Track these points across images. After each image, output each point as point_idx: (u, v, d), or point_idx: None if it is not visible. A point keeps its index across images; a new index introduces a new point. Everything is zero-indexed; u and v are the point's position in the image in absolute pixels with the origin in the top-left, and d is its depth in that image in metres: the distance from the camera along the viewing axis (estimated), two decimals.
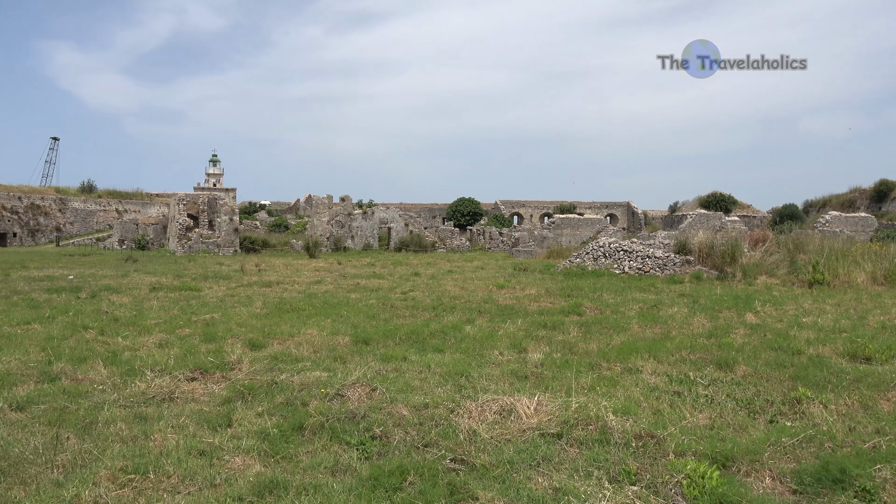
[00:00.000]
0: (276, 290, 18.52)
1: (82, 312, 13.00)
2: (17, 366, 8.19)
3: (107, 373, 7.95)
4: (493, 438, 5.56)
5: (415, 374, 8.02)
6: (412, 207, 71.30)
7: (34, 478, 4.70)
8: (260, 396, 6.94)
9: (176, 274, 23.79)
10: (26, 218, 59.04)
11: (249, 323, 11.95)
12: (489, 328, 11.53)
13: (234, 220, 44.37)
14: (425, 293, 17.60)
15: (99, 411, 6.36)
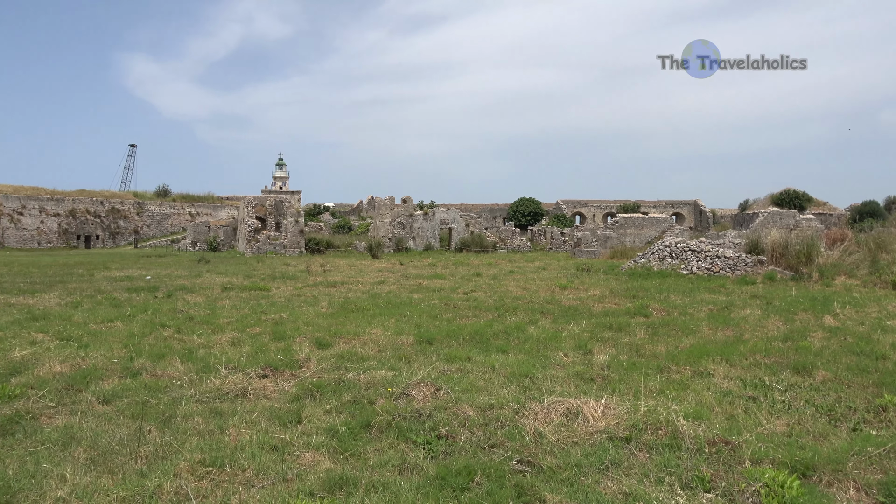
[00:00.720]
0: (340, 290, 18.89)
1: (160, 311, 13.61)
2: (103, 361, 8.65)
3: (184, 369, 8.29)
4: (560, 441, 5.50)
5: (479, 374, 8.02)
6: (473, 208, 71.35)
7: (120, 467, 4.96)
8: (328, 394, 7.09)
9: (246, 274, 24.60)
10: (108, 221, 62.35)
11: (316, 322, 12.23)
12: (553, 329, 11.42)
13: (299, 221, 45.50)
14: (487, 293, 17.59)
15: (177, 406, 6.63)
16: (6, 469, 4.90)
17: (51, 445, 5.45)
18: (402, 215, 49.74)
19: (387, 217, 49.29)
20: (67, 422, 6.08)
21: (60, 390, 7.14)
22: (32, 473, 4.81)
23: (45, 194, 60.44)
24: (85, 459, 5.15)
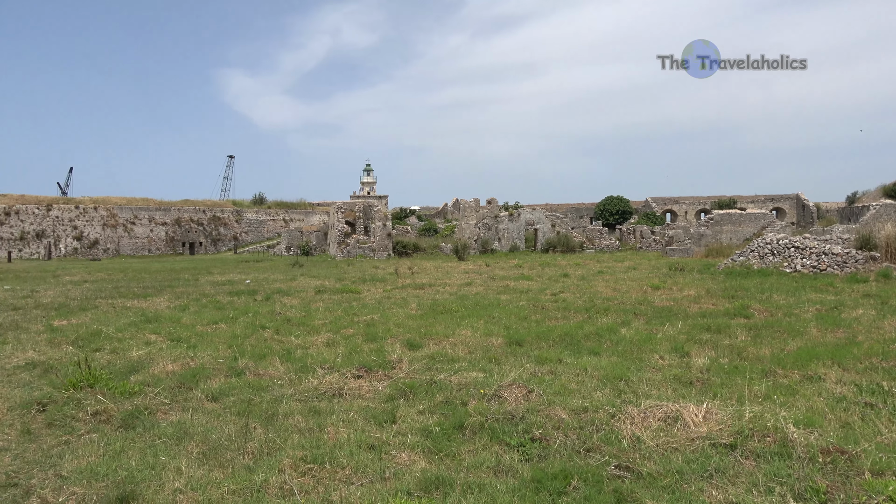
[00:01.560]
0: (428, 292, 19.12)
1: (259, 313, 14.26)
2: (210, 361, 9.16)
3: (283, 369, 8.65)
4: (659, 446, 5.32)
5: (571, 376, 7.90)
6: (558, 208, 70.42)
7: (230, 462, 5.23)
8: (421, 395, 7.19)
9: (337, 277, 25.37)
10: (209, 229, 66.04)
11: (406, 324, 12.43)
12: (646, 331, 11.07)
13: (387, 225, 46.44)
14: (576, 294, 17.29)
15: (279, 404, 6.92)
16: (129, 460, 5.28)
17: (167, 440, 5.82)
18: (487, 217, 49.77)
19: (472, 219, 49.46)
20: (181, 418, 6.48)
21: (173, 388, 7.61)
22: (152, 465, 5.15)
23: (154, 205, 64.77)
24: (197, 453, 5.46)
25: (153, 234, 62.87)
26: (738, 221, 50.56)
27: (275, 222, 70.75)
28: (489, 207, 51.09)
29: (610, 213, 67.40)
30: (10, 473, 5.22)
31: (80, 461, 5.36)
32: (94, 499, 4.57)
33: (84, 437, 6.05)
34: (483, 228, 48.98)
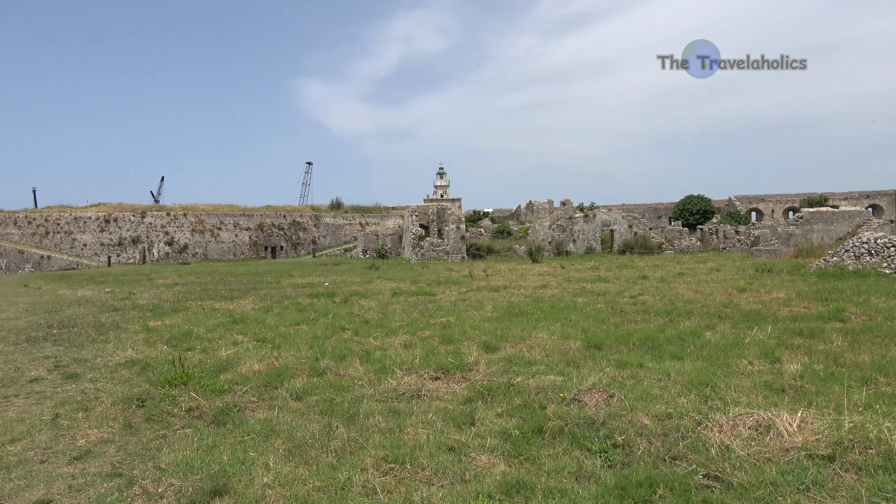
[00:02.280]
0: (503, 294, 19.05)
1: (339, 315, 14.62)
2: (293, 361, 9.46)
3: (363, 370, 8.83)
4: (751, 456, 5.09)
5: (653, 381, 7.67)
6: (635, 208, 68.68)
7: (314, 459, 5.39)
8: (498, 398, 7.17)
9: (412, 280, 25.68)
10: (290, 233, 68.34)
11: (482, 326, 12.43)
12: (733, 335, 10.62)
13: (460, 228, 46.63)
14: (656, 297, 16.81)
15: (359, 404, 7.07)
16: (221, 455, 5.52)
17: (255, 436, 6.06)
18: (561, 218, 49.13)
19: (546, 220, 48.95)
20: (267, 415, 6.73)
21: (260, 387, 7.91)
22: (242, 460, 5.37)
23: (238, 211, 67.62)
24: (284, 450, 5.65)
25: (238, 238, 65.65)
26: (831, 220, 47.74)
27: (351, 226, 72.39)
28: (563, 209, 50.43)
29: (690, 213, 65.12)
30: (115, 464, 5.57)
31: (177, 454, 5.65)
32: (191, 491, 4.81)
33: (179, 431, 6.38)
34: (557, 230, 48.39)
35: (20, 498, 4.91)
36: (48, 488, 5.09)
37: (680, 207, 66.88)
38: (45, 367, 9.92)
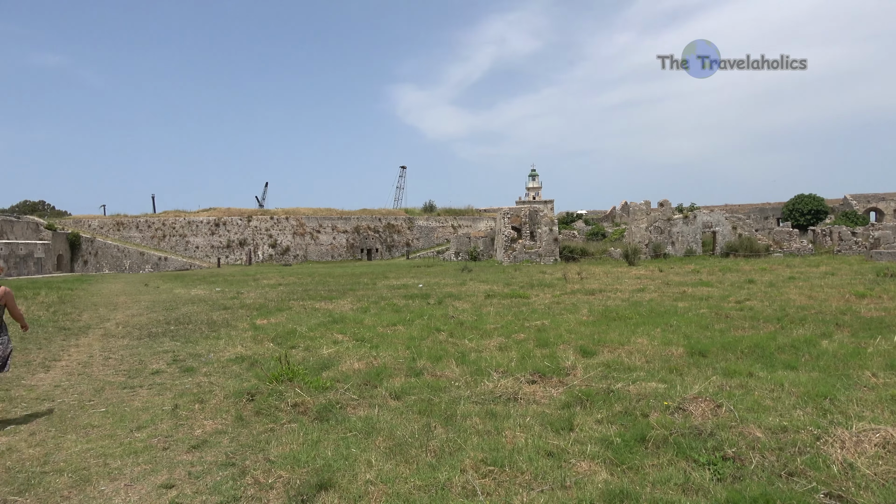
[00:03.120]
0: (599, 297, 18.63)
1: (433, 316, 14.80)
2: (391, 361, 9.67)
3: (459, 371, 8.88)
4: (878, 476, 4.70)
5: (765, 392, 7.25)
6: (739, 209, 65.33)
7: (414, 458, 5.47)
8: (598, 403, 7.01)
9: (505, 282, 25.61)
10: (384, 236, 70.02)
11: (578, 330, 12.21)
12: (853, 344, 9.86)
13: (553, 230, 46.05)
14: (764, 302, 15.89)
15: (456, 405, 7.12)
16: (325, 450, 5.72)
17: (356, 433, 6.23)
18: (659, 220, 47.46)
19: (642, 222, 47.45)
20: (368, 413, 6.90)
21: (360, 385, 8.14)
22: (345, 456, 5.54)
23: (336, 214, 70.02)
24: (384, 448, 5.78)
25: (335, 241, 67.97)
26: None
27: (444, 229, 73.19)
28: (661, 210, 48.70)
29: (800, 214, 61.19)
30: (229, 454, 5.89)
31: (284, 448, 5.90)
32: (298, 483, 5.01)
33: (286, 425, 6.66)
34: (655, 232, 46.78)
35: (147, 481, 5.29)
36: (170, 474, 5.45)
37: (789, 207, 63.00)
38: (165, 361, 10.66)
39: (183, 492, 5.04)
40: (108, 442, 6.39)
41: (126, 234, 65.67)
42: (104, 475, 5.46)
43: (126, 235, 65.55)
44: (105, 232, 65.59)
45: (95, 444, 6.31)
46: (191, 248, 65.47)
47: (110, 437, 6.57)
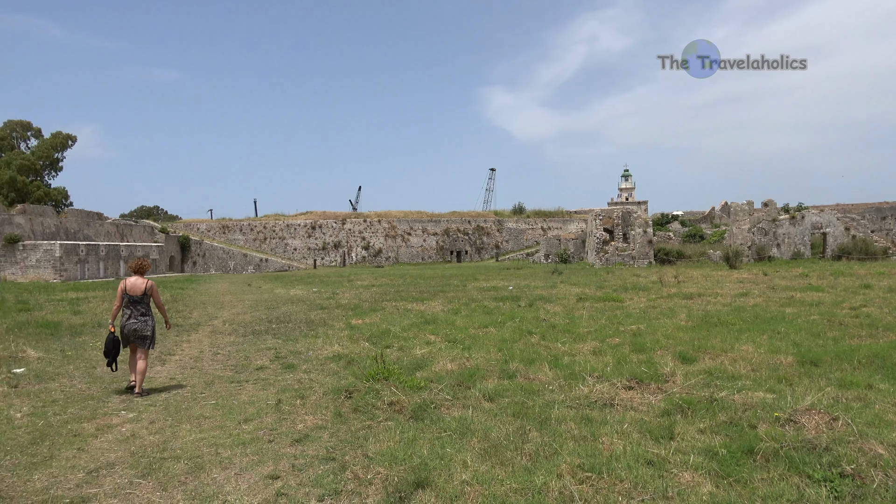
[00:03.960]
0: (698, 302, 17.89)
1: (525, 319, 14.72)
2: (483, 362, 9.69)
3: (552, 375, 8.78)
4: None
5: (887, 405, 6.72)
6: (853, 209, 60.83)
7: (509, 461, 5.46)
8: (700, 412, 6.73)
9: (597, 285, 25.08)
10: (474, 238, 70.31)
11: (676, 335, 11.78)
12: None
13: (647, 232, 44.65)
14: (884, 309, 14.72)
15: (550, 409, 7.04)
16: (421, 449, 5.81)
17: (451, 433, 6.29)
18: (762, 221, 44.98)
19: (744, 223, 45.11)
20: (462, 414, 6.95)
21: (453, 385, 8.21)
22: (441, 456, 5.60)
23: (426, 217, 71.06)
24: (479, 449, 5.80)
25: (426, 243, 68.97)
26: None
27: (533, 231, 72.63)
28: (765, 210, 46.13)
29: None
30: (329, 449, 6.10)
31: (381, 445, 6.05)
32: (396, 480, 5.12)
33: (382, 423, 6.82)
34: (758, 234, 44.36)
35: (254, 472, 5.56)
36: (275, 465, 5.71)
37: None
38: (268, 358, 11.18)
39: (287, 483, 5.26)
40: (219, 432, 6.77)
41: (230, 236, 69.46)
42: (216, 464, 5.79)
43: (230, 238, 69.34)
44: (212, 235, 69.65)
45: (207, 434, 6.71)
46: (289, 250, 68.37)
47: (220, 427, 6.96)
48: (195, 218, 77.81)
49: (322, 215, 71.78)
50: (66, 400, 8.31)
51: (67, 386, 9.15)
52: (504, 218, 74.30)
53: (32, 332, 14.16)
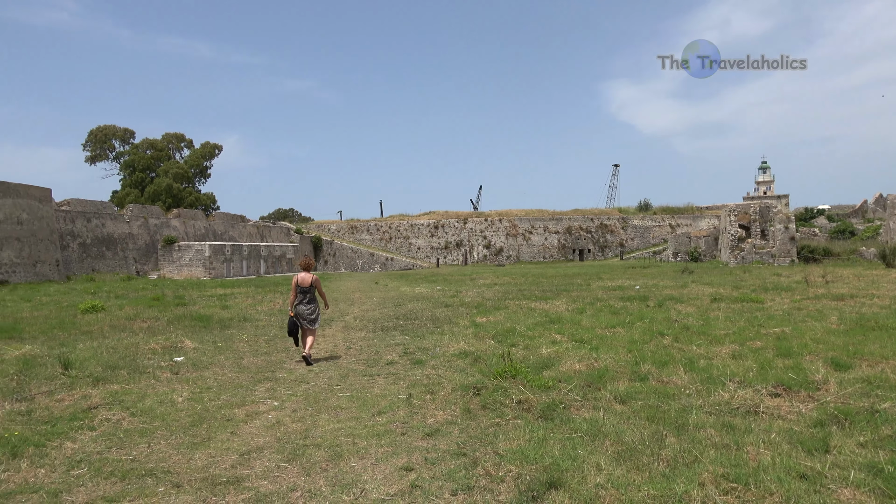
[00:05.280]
0: (850, 303, 16.35)
1: (655, 319, 14.14)
2: (612, 363, 9.43)
3: (687, 379, 8.37)
4: None
5: None
6: None
7: (646, 466, 5.26)
8: (860, 424, 6.14)
9: (733, 285, 23.61)
10: (597, 236, 68.65)
11: (826, 339, 10.83)
12: None
13: (789, 228, 41.42)
14: None
15: (687, 414, 6.71)
16: (552, 449, 5.75)
17: (582, 435, 6.17)
18: None
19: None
20: (592, 416, 6.80)
21: (582, 386, 8.05)
22: (573, 457, 5.51)
23: (547, 215, 70.29)
24: (612, 453, 5.64)
25: (547, 241, 68.26)
26: None
27: (660, 228, 69.69)
28: None
29: None
30: (459, 444, 6.19)
31: (511, 443, 6.05)
32: (528, 479, 5.10)
33: (511, 421, 6.82)
34: None
35: (389, 463, 5.76)
36: (409, 458, 5.88)
37: None
38: (397, 353, 11.54)
39: (421, 475, 5.40)
40: (355, 423, 7.08)
41: (358, 236, 72.57)
42: (353, 453, 6.06)
43: (358, 238, 72.44)
44: (341, 235, 73.13)
45: (344, 425, 7.03)
46: (413, 249, 70.28)
47: (356, 419, 7.28)
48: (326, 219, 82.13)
49: (444, 215, 73.11)
50: (219, 387, 9.05)
51: (219, 374, 9.96)
52: (629, 215, 71.88)
53: (188, 325, 15.55)
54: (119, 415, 7.43)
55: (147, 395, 8.37)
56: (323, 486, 5.23)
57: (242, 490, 5.19)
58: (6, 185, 36.16)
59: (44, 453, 6.08)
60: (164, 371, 9.95)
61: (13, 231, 36.05)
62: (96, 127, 73.72)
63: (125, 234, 47.66)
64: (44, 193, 39.35)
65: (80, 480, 5.41)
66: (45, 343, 12.42)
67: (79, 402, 7.96)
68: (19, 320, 16.23)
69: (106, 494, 5.10)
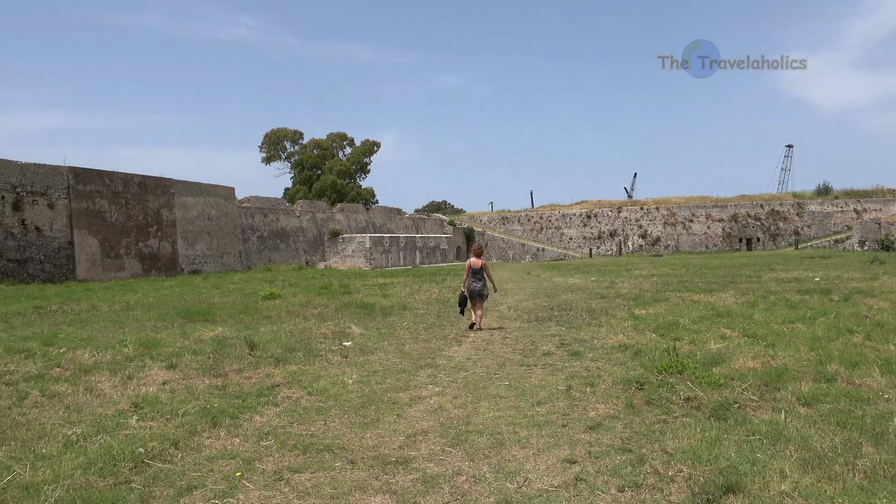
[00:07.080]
0: None
1: (840, 315, 12.76)
2: (792, 362, 8.64)
3: (884, 382, 7.47)
4: None
5: None
6: None
7: (839, 476, 4.75)
8: None
9: None
10: (767, 224, 63.26)
11: None
12: None
13: None
14: None
15: (888, 421, 5.97)
16: (727, 451, 5.38)
17: (761, 437, 5.71)
18: None
19: None
20: (772, 417, 6.27)
21: (758, 385, 7.45)
22: (751, 461, 5.12)
23: (710, 202, 65.93)
24: (797, 459, 5.16)
25: (710, 230, 64.12)
26: None
27: (843, 214, 62.67)
28: None
29: None
30: (623, 439, 6.00)
31: (680, 441, 5.75)
32: (702, 480, 4.81)
33: (679, 419, 6.48)
34: None
35: (551, 454, 5.72)
36: (571, 450, 5.79)
37: None
38: (553, 344, 11.44)
39: (585, 469, 5.30)
40: (514, 413, 7.11)
41: (509, 227, 72.92)
42: (514, 442, 6.08)
43: (509, 228, 72.79)
44: (492, 226, 73.90)
45: (504, 413, 7.09)
46: (564, 240, 69.30)
47: (515, 408, 7.31)
48: (478, 210, 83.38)
49: (597, 204, 71.19)
50: (384, 371, 9.52)
51: (384, 359, 10.48)
52: (805, 200, 65.38)
53: (353, 312, 16.54)
54: (298, 393, 8.08)
55: (321, 377, 9.01)
56: (487, 473, 5.31)
57: (410, 471, 5.41)
58: (198, 186, 40.73)
59: (237, 424, 6.76)
60: (335, 355, 10.66)
61: (205, 226, 40.56)
62: (270, 130, 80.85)
63: (296, 227, 51.75)
64: (228, 192, 43.85)
65: (269, 451, 5.95)
66: (233, 326, 13.82)
67: (263, 380, 8.76)
68: (212, 305, 18.23)
69: (291, 465, 5.56)
